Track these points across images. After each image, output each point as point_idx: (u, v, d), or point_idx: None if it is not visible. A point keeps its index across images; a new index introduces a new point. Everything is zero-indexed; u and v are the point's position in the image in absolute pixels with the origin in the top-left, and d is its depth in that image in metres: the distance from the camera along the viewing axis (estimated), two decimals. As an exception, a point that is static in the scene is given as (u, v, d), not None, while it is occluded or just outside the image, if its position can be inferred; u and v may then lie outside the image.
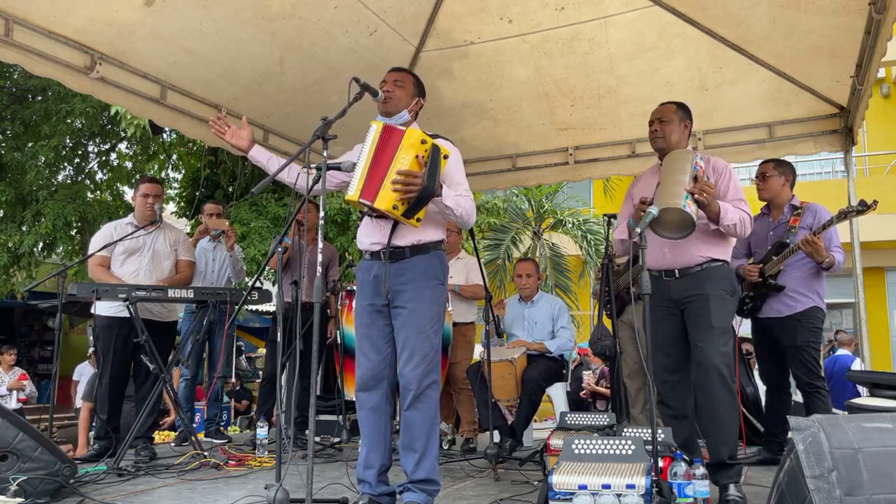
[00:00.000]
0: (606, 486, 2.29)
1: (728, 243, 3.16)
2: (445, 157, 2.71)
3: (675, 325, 3.13)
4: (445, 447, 4.75)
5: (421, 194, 2.62)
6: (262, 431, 4.40)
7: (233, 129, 3.01)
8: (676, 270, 3.10)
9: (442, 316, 2.86)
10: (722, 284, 3.05)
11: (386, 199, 2.63)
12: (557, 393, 4.89)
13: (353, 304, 4.75)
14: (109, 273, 4.24)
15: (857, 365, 8.73)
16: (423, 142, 2.66)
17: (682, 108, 3.24)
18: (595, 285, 5.01)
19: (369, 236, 2.85)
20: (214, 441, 4.90)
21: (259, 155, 3.01)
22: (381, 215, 2.74)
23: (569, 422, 3.58)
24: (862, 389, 4.32)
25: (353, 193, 2.69)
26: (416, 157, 2.65)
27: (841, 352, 8.91)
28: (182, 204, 10.45)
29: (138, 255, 4.31)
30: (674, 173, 2.94)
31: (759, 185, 4.13)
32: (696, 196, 2.86)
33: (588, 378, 7.37)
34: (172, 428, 6.57)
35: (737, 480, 2.92)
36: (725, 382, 2.91)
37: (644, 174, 3.48)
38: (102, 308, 4.18)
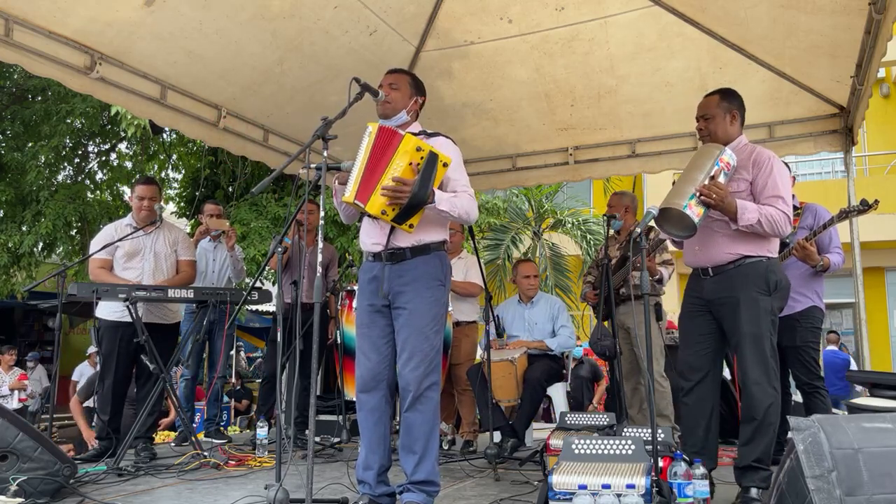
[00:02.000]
0: (606, 486, 2.29)
1: (767, 238, 2.98)
2: (445, 164, 2.70)
3: (704, 323, 3.08)
4: (445, 447, 4.75)
5: (410, 202, 2.62)
6: (262, 431, 4.40)
7: None
8: (710, 268, 3.03)
9: (443, 317, 2.85)
10: (756, 284, 2.91)
11: (376, 203, 2.64)
12: (557, 393, 4.89)
13: (354, 304, 4.78)
14: (111, 274, 4.23)
15: (852, 365, 9.09)
16: (419, 149, 2.65)
17: (727, 97, 3.11)
18: (584, 288, 5.01)
19: (370, 237, 2.85)
20: (214, 441, 4.90)
21: None
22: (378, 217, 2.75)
23: (569, 422, 3.58)
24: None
25: (349, 195, 2.69)
26: (410, 163, 2.64)
27: (829, 348, 9.17)
28: (182, 204, 10.45)
29: (139, 258, 4.30)
30: (692, 170, 2.90)
31: None
32: (701, 197, 2.82)
33: None
34: (172, 428, 6.57)
35: (760, 486, 2.83)
36: (760, 388, 2.83)
37: None
38: (106, 311, 4.17)
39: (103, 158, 10.80)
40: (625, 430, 3.16)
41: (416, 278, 2.75)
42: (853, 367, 9.29)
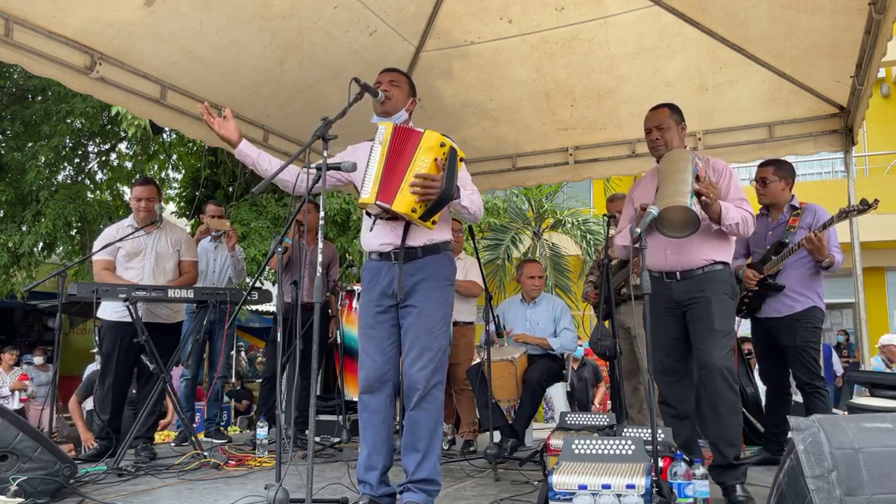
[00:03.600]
0: (606, 486, 2.29)
1: (730, 245, 3.15)
2: (462, 159, 2.71)
3: (676, 325, 3.13)
4: (445, 447, 4.75)
5: (440, 197, 2.62)
6: (262, 431, 4.40)
7: (219, 120, 2.89)
8: (678, 272, 3.10)
9: (450, 317, 2.86)
10: (723, 287, 3.04)
11: (404, 201, 2.62)
12: (557, 393, 4.89)
13: (354, 304, 4.78)
14: (114, 276, 4.23)
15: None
16: (443, 144, 2.65)
17: (676, 111, 3.23)
18: (586, 287, 5.01)
19: (379, 237, 2.82)
20: (214, 441, 4.90)
21: (248, 150, 2.92)
22: (393, 217, 2.74)
23: (569, 422, 3.58)
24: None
25: (367, 196, 2.67)
26: (435, 160, 2.64)
27: None
28: (182, 204, 10.46)
29: (141, 257, 4.30)
30: (675, 173, 2.93)
31: (758, 189, 4.10)
32: (702, 198, 2.85)
33: None
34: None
35: (742, 481, 2.93)
36: (729, 384, 2.91)
37: (644, 178, 3.47)
38: (108, 311, 4.18)
39: (103, 158, 10.80)
40: (625, 430, 3.16)
41: (427, 277, 2.75)
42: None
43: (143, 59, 4.17)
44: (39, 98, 9.78)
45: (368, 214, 2.86)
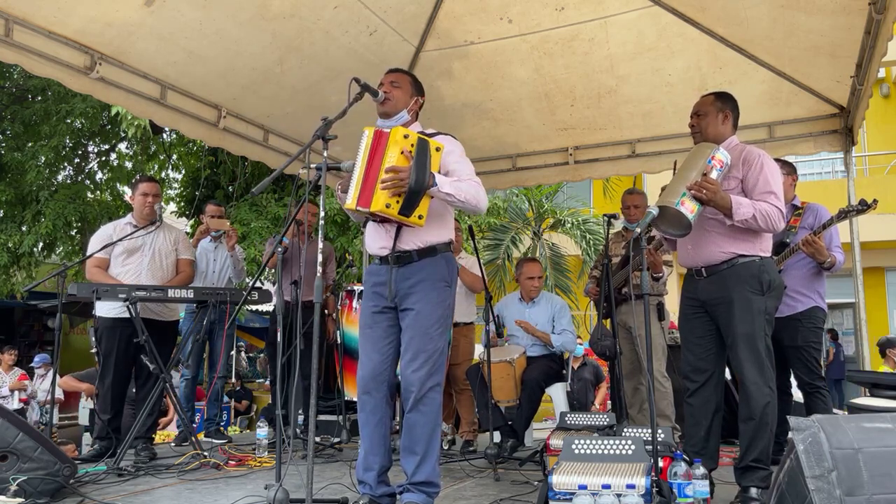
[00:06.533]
0: (606, 486, 2.29)
1: (758, 238, 2.99)
2: (438, 149, 2.69)
3: (703, 325, 3.09)
4: (445, 447, 4.75)
5: (412, 188, 2.59)
6: (262, 431, 4.40)
7: None
8: (703, 269, 3.05)
9: (448, 318, 2.85)
10: (749, 284, 2.92)
11: (378, 200, 2.62)
12: (557, 393, 4.88)
13: (354, 304, 4.78)
14: (106, 275, 4.22)
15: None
16: (407, 136, 2.65)
17: (721, 98, 3.14)
18: (589, 283, 5.00)
19: (377, 241, 2.84)
20: (214, 441, 4.90)
21: None
22: (384, 219, 2.74)
23: (569, 422, 3.58)
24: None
25: (350, 202, 2.68)
26: (402, 152, 2.63)
27: None
28: (182, 204, 10.47)
29: (139, 253, 4.30)
30: (684, 169, 2.92)
31: None
32: (693, 192, 2.83)
33: None
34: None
35: (760, 486, 2.84)
36: (757, 388, 2.85)
37: None
38: (105, 309, 4.16)
39: (103, 158, 10.81)
40: (625, 430, 3.16)
41: (423, 280, 2.75)
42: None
43: (143, 59, 4.17)
44: (39, 98, 9.78)
45: (366, 219, 2.88)
